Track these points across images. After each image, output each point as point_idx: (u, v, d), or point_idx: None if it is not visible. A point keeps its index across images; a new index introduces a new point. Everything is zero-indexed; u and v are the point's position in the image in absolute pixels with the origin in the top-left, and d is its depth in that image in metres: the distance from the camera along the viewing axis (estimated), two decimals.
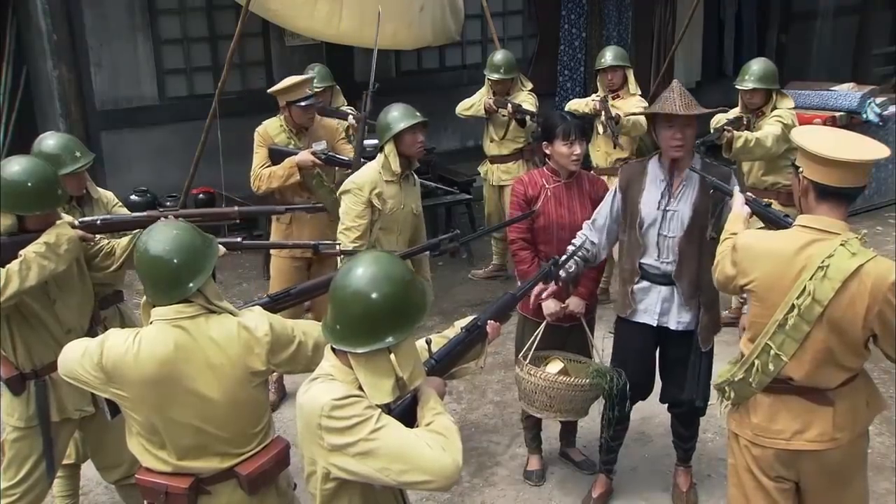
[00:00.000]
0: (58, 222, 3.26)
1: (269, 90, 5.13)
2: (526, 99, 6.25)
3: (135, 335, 2.56)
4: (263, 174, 4.90)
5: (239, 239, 3.57)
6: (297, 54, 8.19)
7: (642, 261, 3.77)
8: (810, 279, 2.62)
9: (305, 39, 7.75)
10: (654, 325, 3.78)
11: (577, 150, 3.86)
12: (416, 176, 4.47)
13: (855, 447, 2.85)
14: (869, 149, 2.72)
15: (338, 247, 3.96)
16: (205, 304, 2.60)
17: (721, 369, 2.99)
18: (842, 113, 7.73)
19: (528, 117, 6.21)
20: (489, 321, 2.67)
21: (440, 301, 6.41)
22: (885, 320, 2.61)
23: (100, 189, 3.96)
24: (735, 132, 4.93)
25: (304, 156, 4.79)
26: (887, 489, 4.08)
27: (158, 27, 8.14)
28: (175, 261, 2.53)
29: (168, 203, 7.32)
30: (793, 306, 2.66)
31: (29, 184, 3.13)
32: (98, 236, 3.48)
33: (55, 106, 7.47)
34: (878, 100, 7.99)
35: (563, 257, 3.62)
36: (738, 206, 3.16)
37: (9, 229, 3.19)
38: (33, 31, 7.71)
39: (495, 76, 6.27)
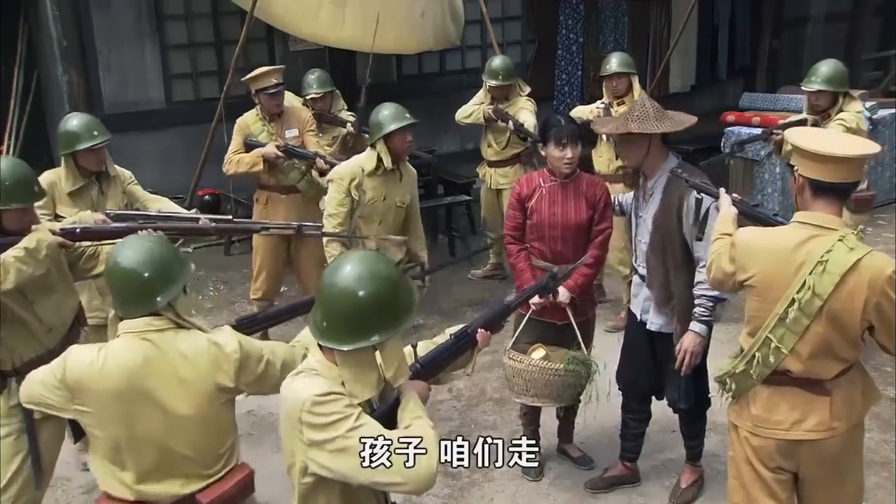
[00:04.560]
0: (37, 227, 3.34)
1: (241, 79, 5.65)
2: (525, 105, 6.27)
3: (100, 349, 2.54)
4: (233, 159, 5.47)
5: (231, 217, 3.84)
6: (301, 59, 8.32)
7: (634, 261, 3.97)
8: (810, 274, 2.68)
9: (309, 44, 7.84)
10: (639, 319, 3.92)
11: (569, 154, 3.88)
12: (408, 170, 4.68)
13: (852, 437, 2.91)
14: (859, 145, 2.85)
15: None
16: (174, 318, 2.57)
17: (722, 364, 3.05)
18: None
19: (528, 137, 6.17)
20: (480, 329, 2.64)
21: (440, 300, 6.51)
22: (882, 312, 2.68)
23: (117, 167, 4.30)
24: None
25: (269, 149, 5.34)
26: (876, 483, 4.13)
27: (165, 32, 8.25)
28: (146, 274, 2.51)
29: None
30: (793, 300, 2.71)
31: (7, 182, 3.22)
32: (77, 243, 3.52)
33: (65, 109, 7.49)
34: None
35: (561, 270, 3.61)
36: (726, 206, 3.21)
37: None
38: (44, 37, 7.84)
39: (493, 83, 6.26)
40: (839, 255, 2.67)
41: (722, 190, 3.35)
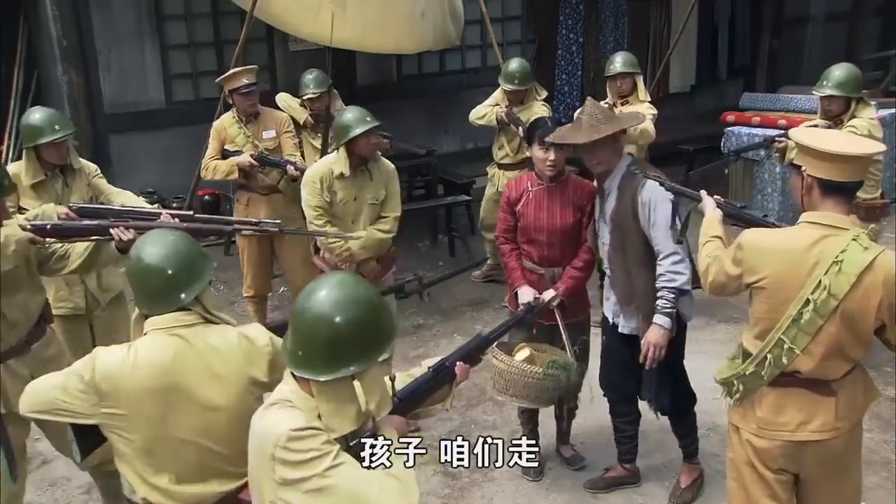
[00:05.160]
0: (8, 222, 3.30)
1: (215, 81, 5.78)
2: (539, 110, 6.17)
3: (129, 347, 2.47)
4: (210, 165, 5.58)
5: (192, 213, 3.84)
6: (301, 59, 8.32)
7: (601, 265, 3.96)
8: (825, 274, 2.67)
9: (309, 44, 7.82)
10: (611, 322, 3.92)
11: (552, 156, 3.84)
12: (381, 167, 4.67)
13: (853, 436, 2.92)
14: (866, 144, 2.87)
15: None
16: (203, 312, 2.52)
17: (720, 365, 3.04)
18: None
19: None
20: (458, 362, 2.58)
21: (440, 301, 6.53)
22: (893, 311, 2.69)
23: (82, 160, 4.33)
24: (790, 141, 4.64)
25: (244, 158, 5.45)
26: (876, 483, 4.15)
27: (165, 32, 8.25)
28: (170, 271, 2.46)
29: (174, 205, 7.49)
30: (807, 301, 2.70)
31: None
32: (48, 240, 3.46)
33: (65, 109, 7.55)
34: None
35: (537, 302, 3.60)
36: (711, 209, 3.19)
37: None
38: (44, 37, 7.85)
39: (509, 86, 6.21)
40: (854, 254, 2.67)
41: (703, 192, 3.32)
